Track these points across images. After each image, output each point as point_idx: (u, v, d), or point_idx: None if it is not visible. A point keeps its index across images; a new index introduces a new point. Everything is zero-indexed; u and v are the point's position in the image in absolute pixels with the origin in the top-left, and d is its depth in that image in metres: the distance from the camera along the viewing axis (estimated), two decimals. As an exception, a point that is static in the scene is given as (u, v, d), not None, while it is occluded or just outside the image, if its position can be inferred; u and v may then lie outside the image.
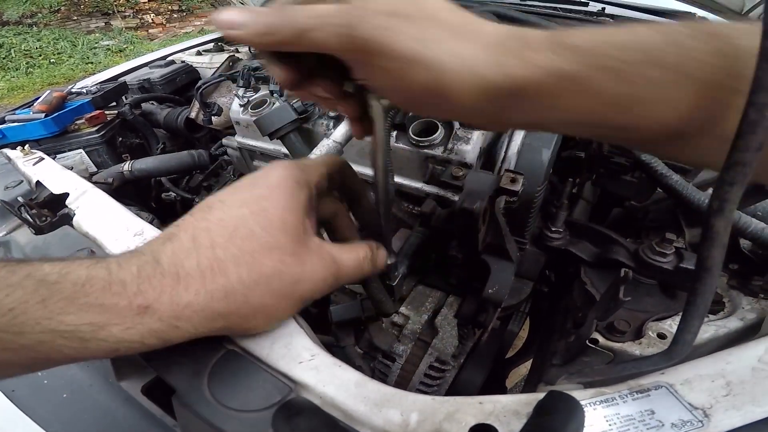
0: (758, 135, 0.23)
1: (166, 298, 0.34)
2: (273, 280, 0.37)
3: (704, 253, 0.28)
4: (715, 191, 0.26)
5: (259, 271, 0.37)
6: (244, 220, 0.37)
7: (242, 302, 0.37)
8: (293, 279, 0.39)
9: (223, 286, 0.35)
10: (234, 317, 0.37)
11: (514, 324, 0.84)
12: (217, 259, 0.36)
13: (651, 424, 0.34)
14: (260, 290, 0.37)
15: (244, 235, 0.37)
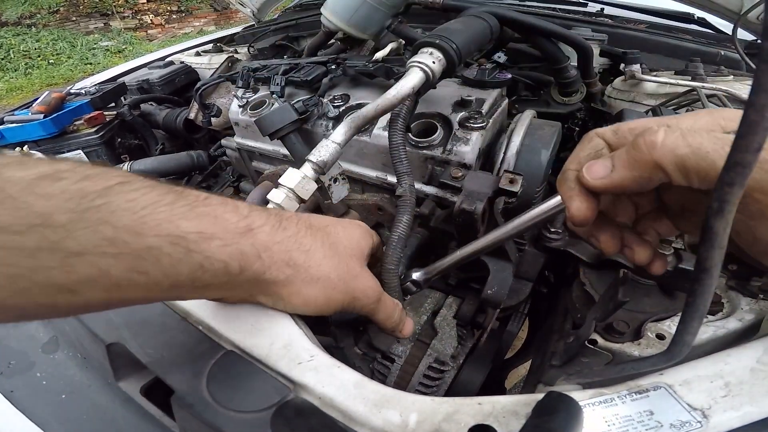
0: (758, 136, 0.23)
1: (267, 229, 0.39)
2: (340, 262, 0.44)
3: (703, 254, 0.28)
4: (715, 192, 0.26)
5: (334, 250, 0.44)
6: (334, 225, 0.47)
7: (313, 264, 0.42)
8: (353, 272, 0.45)
9: (308, 245, 0.42)
10: (303, 272, 0.41)
11: (513, 325, 0.84)
12: (311, 228, 0.44)
13: (650, 425, 0.34)
14: (329, 263, 0.43)
15: (332, 231, 0.46)
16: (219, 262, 0.35)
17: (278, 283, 0.41)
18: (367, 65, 0.90)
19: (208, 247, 0.34)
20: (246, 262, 0.37)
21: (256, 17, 1.91)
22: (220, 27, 8.20)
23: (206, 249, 0.34)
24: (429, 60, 0.68)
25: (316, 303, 0.43)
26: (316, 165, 0.63)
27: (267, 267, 0.39)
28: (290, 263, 0.40)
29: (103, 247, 0.29)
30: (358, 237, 0.48)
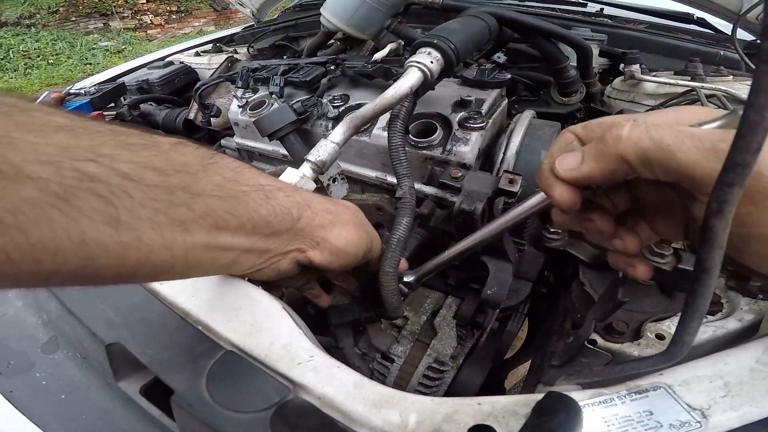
0: (758, 136, 0.23)
1: (306, 195, 0.50)
2: (355, 225, 0.54)
3: (703, 254, 0.28)
4: (714, 192, 0.26)
5: (350, 218, 0.54)
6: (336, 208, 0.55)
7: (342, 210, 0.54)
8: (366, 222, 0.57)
9: (330, 211, 0.51)
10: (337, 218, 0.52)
11: (512, 325, 0.84)
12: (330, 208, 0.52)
13: (649, 425, 0.34)
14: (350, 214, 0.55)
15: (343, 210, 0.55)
16: (284, 208, 0.45)
17: (324, 227, 0.50)
18: (366, 66, 0.90)
19: (277, 195, 0.44)
20: (301, 210, 0.47)
21: (255, 17, 1.91)
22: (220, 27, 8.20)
23: (277, 196, 0.44)
24: (427, 60, 0.68)
25: (353, 242, 0.52)
26: (315, 165, 0.63)
27: (315, 213, 0.49)
28: (329, 211, 0.51)
29: (215, 191, 0.38)
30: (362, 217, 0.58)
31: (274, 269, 0.48)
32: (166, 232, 0.34)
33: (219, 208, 0.38)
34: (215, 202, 0.38)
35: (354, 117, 0.67)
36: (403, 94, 0.66)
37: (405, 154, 0.67)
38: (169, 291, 0.51)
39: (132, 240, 0.32)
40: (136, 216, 0.32)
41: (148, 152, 0.34)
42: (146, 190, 0.32)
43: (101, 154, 0.30)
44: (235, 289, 0.50)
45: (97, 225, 0.30)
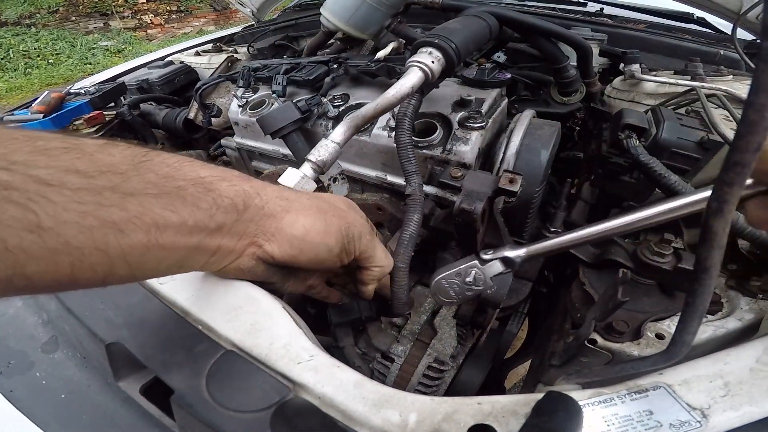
0: (757, 136, 0.23)
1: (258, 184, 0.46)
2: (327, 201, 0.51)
3: (703, 253, 0.28)
4: (714, 192, 0.26)
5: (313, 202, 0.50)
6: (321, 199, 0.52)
7: (303, 198, 0.49)
8: (342, 207, 0.52)
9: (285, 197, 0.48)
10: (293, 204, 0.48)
11: (512, 324, 0.84)
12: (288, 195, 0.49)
13: (649, 425, 0.34)
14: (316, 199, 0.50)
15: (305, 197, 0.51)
16: (228, 199, 0.42)
17: (277, 216, 0.46)
18: (369, 64, 0.90)
19: (219, 186, 0.42)
20: (248, 198, 0.44)
21: (255, 17, 1.91)
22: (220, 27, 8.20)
23: (218, 187, 0.41)
24: (428, 59, 0.68)
25: (316, 229, 0.48)
26: (316, 164, 0.63)
27: (265, 202, 0.45)
28: (283, 197, 0.47)
29: (148, 189, 0.36)
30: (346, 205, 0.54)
31: (236, 268, 0.45)
32: (97, 234, 0.33)
33: (154, 206, 0.36)
34: (150, 200, 0.36)
35: (355, 117, 0.67)
36: (404, 94, 0.66)
37: (413, 152, 0.67)
38: (168, 290, 0.51)
39: (60, 245, 0.31)
40: (61, 220, 0.31)
41: (69, 156, 0.33)
42: (69, 193, 0.32)
43: (14, 162, 0.30)
44: (234, 289, 0.50)
45: (17, 232, 0.29)
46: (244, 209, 0.43)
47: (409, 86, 0.66)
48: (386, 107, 0.66)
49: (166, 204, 0.37)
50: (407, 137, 0.67)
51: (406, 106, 0.68)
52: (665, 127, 0.68)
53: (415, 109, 0.69)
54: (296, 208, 0.47)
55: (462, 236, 0.64)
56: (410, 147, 0.67)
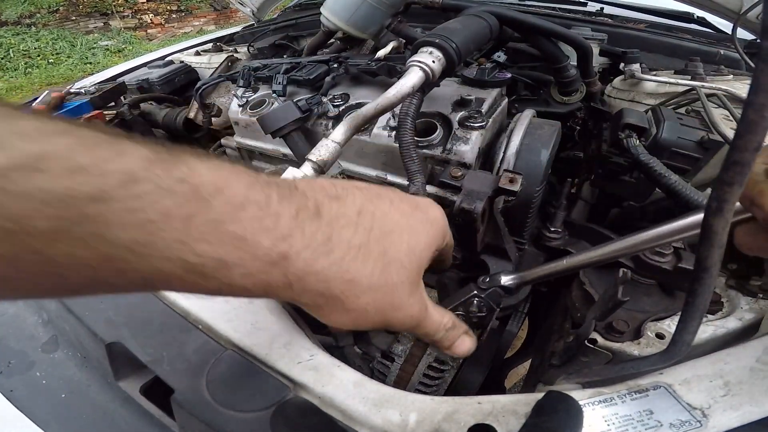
0: (757, 135, 0.24)
1: (307, 255, 0.30)
2: (383, 295, 0.35)
3: (703, 253, 0.28)
4: (714, 191, 0.26)
5: (385, 280, 0.34)
6: (401, 230, 0.36)
7: (351, 297, 0.33)
8: (396, 304, 0.36)
9: (353, 273, 0.33)
10: (333, 305, 0.33)
11: (512, 324, 0.84)
12: (367, 246, 0.33)
13: (649, 424, 0.34)
14: (370, 296, 0.34)
15: (394, 242, 0.35)
16: (239, 288, 0.29)
17: (304, 305, 0.34)
18: (370, 63, 0.90)
19: (228, 274, 0.28)
20: (272, 291, 0.31)
21: (255, 17, 1.91)
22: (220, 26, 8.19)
23: (226, 276, 0.28)
24: (429, 59, 0.68)
25: (342, 325, 0.36)
26: (316, 164, 0.63)
27: (297, 295, 0.32)
28: (325, 294, 0.32)
29: (101, 265, 0.24)
30: (423, 247, 0.38)
31: None
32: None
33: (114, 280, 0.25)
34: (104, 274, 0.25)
35: (355, 116, 0.67)
36: (404, 94, 0.66)
37: (416, 151, 0.67)
38: (169, 290, 0.51)
39: None
40: None
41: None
42: None
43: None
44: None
45: None
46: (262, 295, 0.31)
47: (410, 86, 0.66)
48: (387, 107, 0.66)
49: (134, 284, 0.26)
50: (410, 137, 0.67)
51: (408, 106, 0.68)
52: (665, 127, 0.69)
53: (417, 109, 0.69)
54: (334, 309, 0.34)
55: (462, 236, 0.64)
56: (413, 146, 0.67)
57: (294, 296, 0.31)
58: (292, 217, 0.30)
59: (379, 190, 0.38)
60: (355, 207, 0.34)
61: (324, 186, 0.34)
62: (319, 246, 0.31)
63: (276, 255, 0.29)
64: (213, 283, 0.27)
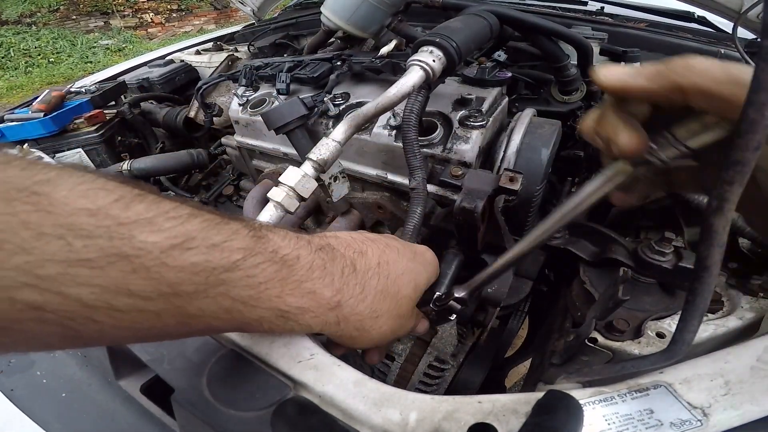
0: (758, 134, 0.24)
1: (352, 302, 0.41)
2: (398, 323, 0.46)
3: (703, 252, 0.28)
4: (714, 190, 0.26)
5: (396, 312, 0.46)
6: (409, 273, 0.48)
7: (380, 326, 0.44)
8: (405, 326, 0.49)
9: (378, 312, 0.44)
10: (365, 334, 0.43)
11: (513, 323, 0.84)
12: (386, 290, 0.44)
13: (650, 423, 0.34)
14: (389, 325, 0.45)
15: (404, 282, 0.47)
16: (306, 327, 0.39)
17: (341, 337, 0.43)
18: (374, 61, 0.90)
19: (302, 318, 0.38)
20: (326, 328, 0.41)
21: (256, 16, 1.91)
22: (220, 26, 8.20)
23: (301, 319, 0.38)
24: (429, 58, 0.68)
25: (366, 346, 0.48)
26: (317, 163, 0.63)
27: (342, 330, 0.42)
28: (359, 328, 0.43)
29: (219, 314, 0.32)
30: (423, 283, 0.50)
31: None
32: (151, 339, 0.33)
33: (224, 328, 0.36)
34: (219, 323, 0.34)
35: (355, 115, 0.67)
36: (405, 93, 0.66)
37: (419, 147, 0.67)
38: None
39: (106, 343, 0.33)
40: (109, 334, 0.29)
41: (122, 266, 0.27)
42: (119, 315, 0.28)
43: (43, 277, 0.25)
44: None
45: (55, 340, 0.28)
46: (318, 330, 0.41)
47: (410, 85, 0.66)
48: (387, 106, 0.66)
49: (238, 328, 0.36)
50: (414, 133, 0.67)
51: (414, 102, 0.68)
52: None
53: (422, 106, 0.69)
54: (363, 339, 0.44)
55: (462, 235, 0.64)
56: (416, 142, 0.67)
57: (338, 331, 0.41)
58: (340, 275, 0.40)
59: (386, 242, 0.49)
60: (375, 259, 0.45)
61: (350, 243, 0.45)
62: (358, 295, 0.42)
63: (334, 303, 0.39)
64: (290, 324, 0.37)
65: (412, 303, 0.48)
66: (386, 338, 0.46)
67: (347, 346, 0.46)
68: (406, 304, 0.47)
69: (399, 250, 0.49)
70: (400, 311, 0.46)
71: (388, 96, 0.66)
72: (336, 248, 0.42)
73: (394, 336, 0.48)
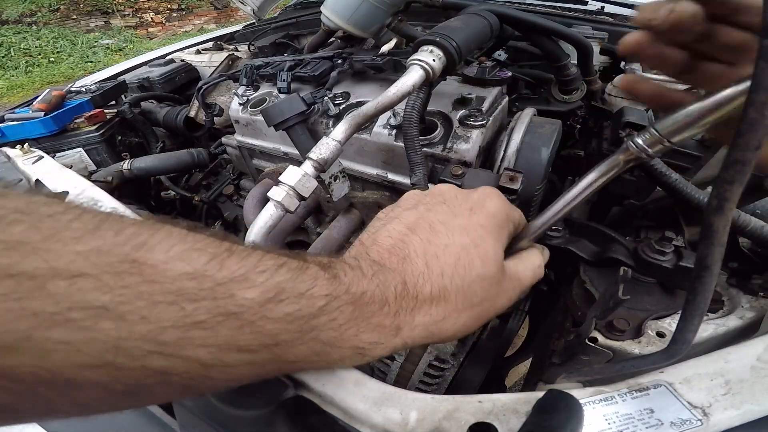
0: (758, 133, 0.24)
1: (409, 320, 0.38)
2: (477, 307, 0.40)
3: (703, 251, 0.28)
4: (715, 189, 0.26)
5: (471, 301, 0.40)
6: (466, 250, 0.40)
7: (451, 326, 0.39)
8: (492, 305, 0.42)
9: (443, 312, 0.39)
10: (438, 337, 0.40)
11: (513, 322, 0.84)
12: (444, 287, 0.39)
13: (650, 423, 0.34)
14: (466, 315, 0.40)
15: (465, 264, 0.39)
16: (378, 357, 0.38)
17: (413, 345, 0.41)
18: (375, 59, 0.90)
19: (375, 351, 0.37)
20: (396, 350, 0.39)
21: (256, 15, 1.90)
22: (221, 25, 8.20)
23: (374, 353, 0.37)
24: (429, 58, 0.68)
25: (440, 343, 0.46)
26: (317, 162, 0.63)
27: (414, 342, 0.39)
28: (428, 337, 0.39)
29: (312, 358, 0.34)
30: (493, 249, 0.41)
31: None
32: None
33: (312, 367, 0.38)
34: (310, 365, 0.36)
35: (355, 115, 0.67)
36: (405, 92, 0.66)
37: (419, 144, 0.67)
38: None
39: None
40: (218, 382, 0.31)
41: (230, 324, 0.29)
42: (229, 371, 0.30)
43: (164, 342, 0.26)
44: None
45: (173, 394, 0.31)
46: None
47: (410, 84, 0.66)
48: (387, 105, 0.66)
49: (325, 366, 0.37)
50: (414, 130, 0.68)
51: (415, 99, 0.68)
52: (666, 125, 0.68)
53: (423, 103, 0.69)
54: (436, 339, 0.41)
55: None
56: (417, 139, 0.68)
57: (410, 345, 0.39)
58: (394, 298, 0.37)
59: (432, 221, 0.42)
60: (420, 260, 0.39)
61: (392, 250, 0.40)
62: (415, 310, 0.38)
63: (395, 328, 0.37)
64: (366, 359, 0.37)
65: (488, 282, 0.40)
66: (469, 328, 0.41)
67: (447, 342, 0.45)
68: (481, 289, 0.40)
69: (447, 224, 0.42)
70: (472, 300, 0.40)
71: (388, 95, 0.66)
72: (383, 264, 0.39)
73: (486, 319, 0.42)
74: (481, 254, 0.40)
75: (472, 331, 0.44)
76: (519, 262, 0.45)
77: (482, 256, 0.40)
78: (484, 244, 0.41)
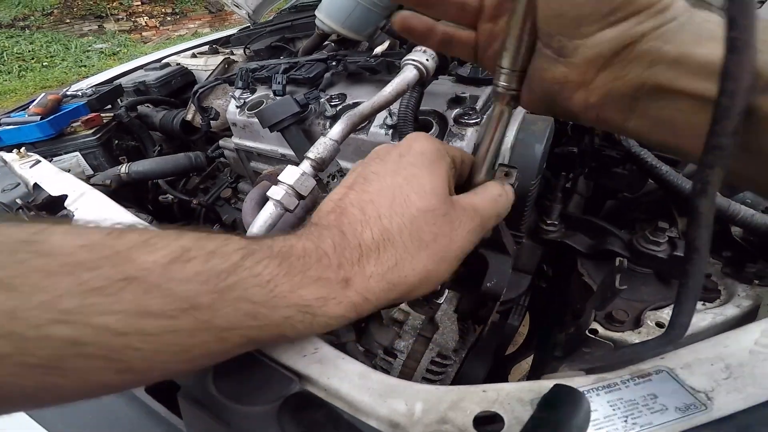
0: (732, 120, 0.25)
1: (359, 270, 0.36)
2: (431, 245, 0.38)
3: (692, 234, 0.29)
4: (697, 174, 0.28)
5: (421, 238, 0.37)
6: (400, 188, 0.38)
7: (409, 270, 0.37)
8: (448, 239, 0.39)
9: (393, 256, 0.37)
10: (403, 286, 0.37)
11: (514, 317, 0.85)
12: (385, 229, 0.37)
13: (654, 408, 0.34)
14: (423, 256, 0.37)
15: (402, 202, 0.38)
16: (340, 318, 0.36)
17: (390, 302, 0.39)
18: (369, 60, 0.90)
19: (328, 308, 0.35)
20: (360, 310, 0.37)
21: (251, 19, 1.91)
22: (215, 29, 8.19)
23: (328, 311, 0.35)
24: (423, 57, 0.69)
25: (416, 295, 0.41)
26: (315, 162, 0.63)
27: (376, 299, 0.37)
28: (390, 288, 0.37)
29: (248, 321, 0.32)
30: (429, 185, 0.39)
31: None
32: (200, 362, 0.33)
33: (262, 336, 0.34)
34: (255, 332, 0.33)
35: (352, 115, 0.68)
36: (400, 91, 0.67)
37: None
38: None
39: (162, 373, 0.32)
40: (156, 360, 0.30)
41: (133, 291, 0.28)
42: (153, 339, 0.28)
43: (67, 310, 0.26)
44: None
45: (109, 375, 0.29)
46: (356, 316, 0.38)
47: (405, 83, 0.67)
48: (383, 105, 0.67)
49: (275, 333, 0.34)
50: (410, 128, 0.69)
51: (409, 99, 0.69)
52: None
53: (417, 101, 0.70)
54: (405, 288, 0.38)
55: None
56: None
57: (376, 305, 0.37)
58: (332, 249, 0.36)
59: (365, 173, 0.41)
60: (355, 209, 0.38)
61: (328, 207, 0.40)
62: (361, 259, 0.36)
63: (342, 281, 0.35)
64: (320, 319, 0.35)
65: (431, 212, 0.38)
66: (435, 272, 0.39)
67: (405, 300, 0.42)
68: (424, 220, 0.38)
69: (379, 174, 0.40)
70: (421, 238, 0.37)
71: (384, 95, 0.67)
72: (317, 223, 0.38)
73: (451, 259, 0.39)
74: (416, 189, 0.38)
75: (446, 278, 0.40)
76: (473, 194, 0.43)
77: (417, 191, 0.38)
78: (418, 179, 0.39)
